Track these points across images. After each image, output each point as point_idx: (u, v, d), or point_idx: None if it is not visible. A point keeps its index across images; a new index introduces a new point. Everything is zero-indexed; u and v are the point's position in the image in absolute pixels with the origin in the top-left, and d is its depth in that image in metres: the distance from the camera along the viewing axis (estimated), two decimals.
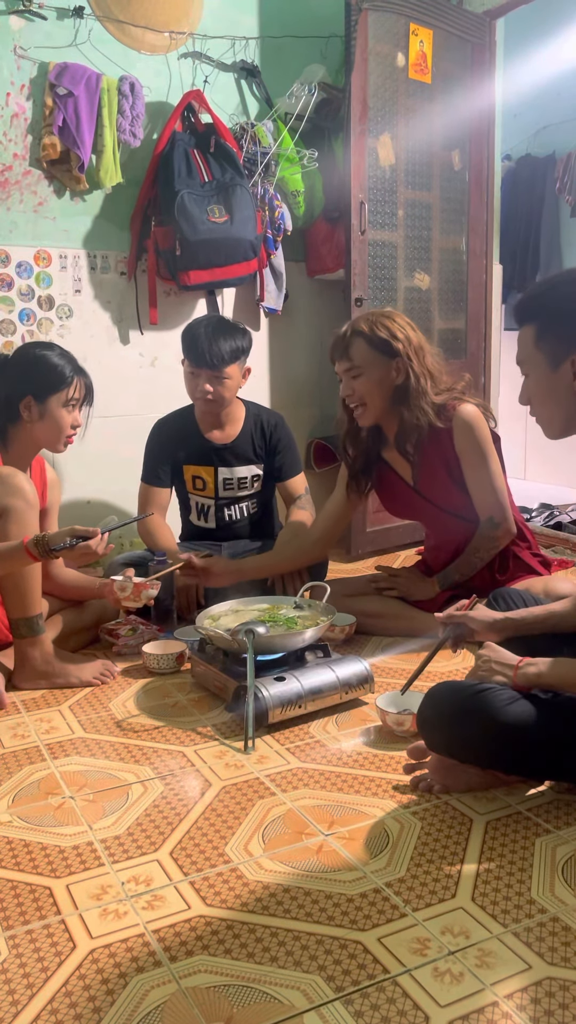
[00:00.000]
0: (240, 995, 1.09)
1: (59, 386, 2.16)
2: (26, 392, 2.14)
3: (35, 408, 2.15)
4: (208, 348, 2.51)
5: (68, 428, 2.20)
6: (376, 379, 2.25)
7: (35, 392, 2.15)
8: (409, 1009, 1.06)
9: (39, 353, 2.19)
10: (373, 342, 2.23)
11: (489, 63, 3.64)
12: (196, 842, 1.44)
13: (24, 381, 2.15)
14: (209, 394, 2.56)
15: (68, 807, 1.56)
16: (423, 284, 3.58)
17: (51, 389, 2.15)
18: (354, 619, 2.38)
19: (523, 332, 1.51)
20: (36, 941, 1.20)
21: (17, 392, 2.14)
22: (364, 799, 1.56)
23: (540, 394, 1.51)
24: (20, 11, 2.78)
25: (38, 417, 2.16)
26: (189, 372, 2.59)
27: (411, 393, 2.24)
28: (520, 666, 1.50)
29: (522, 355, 1.52)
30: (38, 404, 2.15)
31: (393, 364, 2.24)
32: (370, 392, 2.26)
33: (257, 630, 1.93)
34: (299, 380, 3.59)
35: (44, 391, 2.15)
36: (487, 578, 2.33)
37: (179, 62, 3.12)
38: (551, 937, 1.18)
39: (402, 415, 2.27)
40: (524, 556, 2.39)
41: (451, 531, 2.39)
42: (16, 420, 2.17)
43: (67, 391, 2.17)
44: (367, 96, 3.20)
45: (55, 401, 2.16)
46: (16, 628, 2.07)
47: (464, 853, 1.39)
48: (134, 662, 2.27)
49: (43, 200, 2.91)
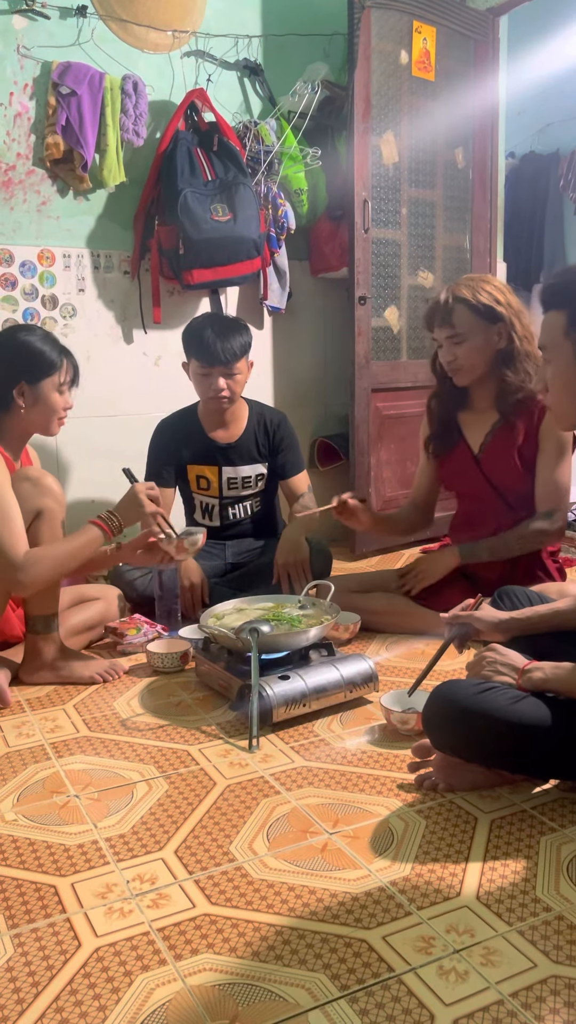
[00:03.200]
0: (245, 993, 1.09)
1: (50, 371, 2.14)
2: (18, 379, 2.12)
3: (28, 394, 2.13)
4: (220, 346, 2.53)
5: (61, 411, 2.19)
6: (480, 344, 2.26)
7: (28, 378, 2.12)
8: (414, 1007, 1.06)
9: (23, 338, 2.15)
10: (477, 308, 2.24)
11: (493, 60, 3.63)
12: (201, 840, 1.44)
13: (14, 368, 2.12)
14: (224, 391, 2.57)
15: (73, 806, 1.56)
16: (427, 282, 3.58)
17: (43, 374, 2.13)
18: (359, 618, 2.38)
19: (551, 317, 1.47)
20: (41, 940, 1.21)
21: (8, 380, 2.12)
22: (369, 798, 1.56)
23: (561, 383, 1.47)
24: (23, 10, 2.78)
25: (32, 403, 2.14)
26: (201, 373, 2.59)
27: (516, 356, 2.26)
28: (525, 669, 1.49)
29: (547, 341, 1.48)
30: (31, 389, 2.13)
31: (495, 329, 2.25)
32: (472, 357, 2.28)
33: (261, 629, 1.93)
34: (303, 379, 3.59)
35: (36, 376, 2.13)
36: (504, 575, 2.32)
37: (182, 61, 3.12)
38: (556, 935, 1.18)
39: (505, 376, 2.28)
40: (547, 560, 2.38)
41: (493, 513, 2.37)
42: (8, 407, 2.14)
43: (58, 375, 2.15)
44: (370, 94, 3.20)
45: (48, 385, 2.14)
46: (32, 624, 2.09)
47: (469, 852, 1.38)
48: (138, 661, 2.27)
49: (47, 199, 2.91)
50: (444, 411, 2.45)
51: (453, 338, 2.27)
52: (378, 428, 3.41)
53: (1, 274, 2.85)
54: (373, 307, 3.35)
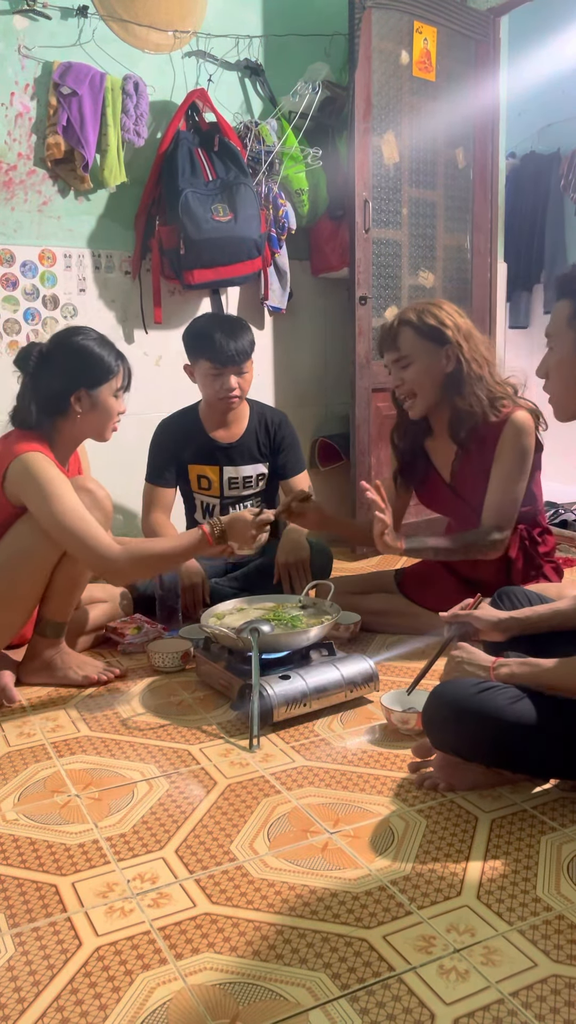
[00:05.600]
0: (245, 993, 1.09)
1: (108, 376, 2.09)
2: (79, 385, 2.06)
3: (86, 400, 2.07)
4: (233, 346, 2.53)
5: (116, 416, 2.15)
6: (426, 367, 2.22)
7: (87, 384, 2.07)
8: (415, 1007, 1.06)
9: (82, 343, 2.09)
10: (421, 331, 2.21)
11: (493, 60, 3.63)
12: (201, 840, 1.44)
13: (74, 373, 2.06)
14: (235, 391, 2.58)
15: (74, 805, 1.57)
16: (427, 282, 3.58)
17: (101, 380, 2.08)
18: (359, 617, 2.38)
19: (560, 306, 1.48)
20: (42, 939, 1.21)
21: (69, 385, 2.06)
22: (369, 797, 1.56)
23: (560, 373, 1.48)
24: (24, 10, 2.78)
25: (90, 408, 2.08)
26: (213, 374, 2.57)
27: (464, 379, 2.21)
28: (493, 667, 1.50)
29: (552, 328, 1.50)
30: (90, 395, 2.07)
31: (443, 352, 2.21)
32: (420, 381, 2.23)
33: (262, 628, 1.93)
34: (304, 379, 3.59)
35: (95, 382, 2.07)
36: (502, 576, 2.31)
37: (183, 61, 3.12)
38: (557, 935, 1.18)
39: (455, 403, 2.23)
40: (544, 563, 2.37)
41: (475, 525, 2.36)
42: (66, 413, 2.08)
43: (116, 380, 2.11)
44: (371, 94, 3.20)
45: (106, 391, 2.09)
46: (42, 627, 2.09)
47: (469, 851, 1.38)
48: (139, 661, 2.27)
49: (47, 199, 2.91)
50: (409, 442, 2.41)
51: (399, 361, 2.24)
52: (379, 428, 3.41)
53: (2, 274, 2.86)
54: (374, 307, 3.35)
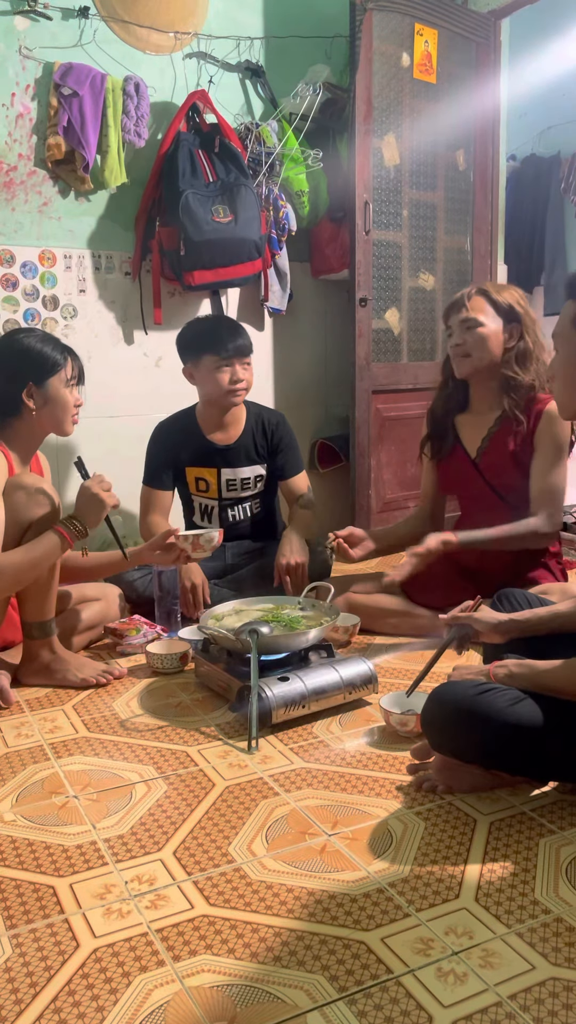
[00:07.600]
0: (243, 995, 1.09)
1: (56, 368, 2.13)
2: (25, 381, 2.10)
3: (37, 394, 2.11)
4: (239, 337, 2.59)
5: (73, 408, 2.18)
6: (491, 333, 2.29)
7: (35, 379, 2.11)
8: (412, 1009, 1.06)
9: (24, 340, 2.14)
10: (497, 303, 2.30)
11: (494, 63, 3.64)
12: (199, 842, 1.44)
13: (19, 371, 2.11)
14: (243, 382, 2.60)
15: (72, 806, 1.56)
16: (428, 284, 3.58)
17: (48, 373, 2.12)
18: (358, 619, 2.38)
19: (567, 306, 1.50)
20: (40, 940, 1.20)
21: (18, 383, 2.10)
22: (368, 799, 1.56)
23: (564, 372, 1.50)
24: (25, 11, 2.78)
25: (43, 403, 2.12)
26: (217, 367, 2.57)
27: (522, 356, 2.30)
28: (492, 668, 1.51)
29: (558, 329, 1.51)
30: (40, 390, 2.11)
31: (511, 328, 2.30)
32: (480, 345, 2.29)
33: (261, 630, 1.93)
34: (303, 380, 3.59)
35: (42, 376, 2.11)
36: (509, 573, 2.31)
37: (184, 62, 3.12)
38: (555, 938, 1.18)
39: (516, 373, 2.30)
40: (550, 561, 2.38)
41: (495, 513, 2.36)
42: (19, 412, 2.12)
43: (64, 371, 2.14)
44: (371, 96, 3.20)
45: (56, 383, 2.13)
46: (29, 630, 2.09)
47: (468, 854, 1.38)
48: (138, 662, 2.27)
49: (48, 200, 2.92)
50: (442, 411, 2.46)
51: (466, 322, 2.30)
52: (378, 430, 3.41)
53: (2, 275, 2.86)
54: (374, 309, 3.35)
